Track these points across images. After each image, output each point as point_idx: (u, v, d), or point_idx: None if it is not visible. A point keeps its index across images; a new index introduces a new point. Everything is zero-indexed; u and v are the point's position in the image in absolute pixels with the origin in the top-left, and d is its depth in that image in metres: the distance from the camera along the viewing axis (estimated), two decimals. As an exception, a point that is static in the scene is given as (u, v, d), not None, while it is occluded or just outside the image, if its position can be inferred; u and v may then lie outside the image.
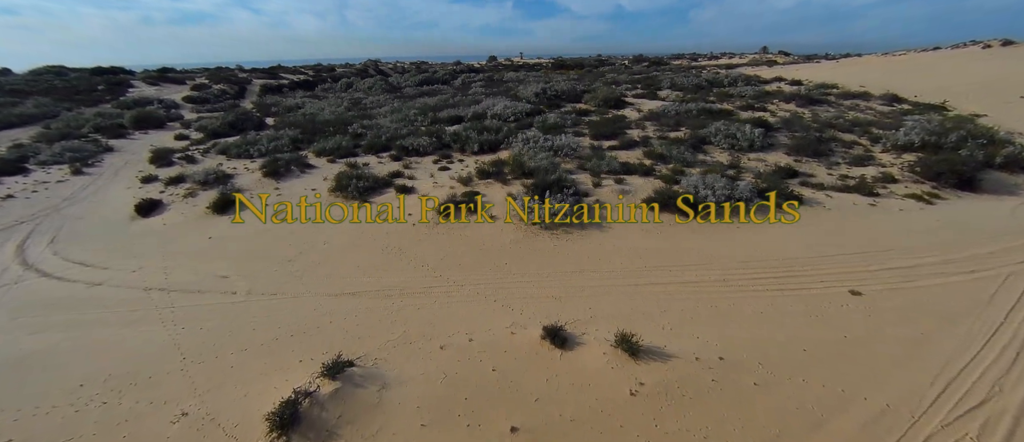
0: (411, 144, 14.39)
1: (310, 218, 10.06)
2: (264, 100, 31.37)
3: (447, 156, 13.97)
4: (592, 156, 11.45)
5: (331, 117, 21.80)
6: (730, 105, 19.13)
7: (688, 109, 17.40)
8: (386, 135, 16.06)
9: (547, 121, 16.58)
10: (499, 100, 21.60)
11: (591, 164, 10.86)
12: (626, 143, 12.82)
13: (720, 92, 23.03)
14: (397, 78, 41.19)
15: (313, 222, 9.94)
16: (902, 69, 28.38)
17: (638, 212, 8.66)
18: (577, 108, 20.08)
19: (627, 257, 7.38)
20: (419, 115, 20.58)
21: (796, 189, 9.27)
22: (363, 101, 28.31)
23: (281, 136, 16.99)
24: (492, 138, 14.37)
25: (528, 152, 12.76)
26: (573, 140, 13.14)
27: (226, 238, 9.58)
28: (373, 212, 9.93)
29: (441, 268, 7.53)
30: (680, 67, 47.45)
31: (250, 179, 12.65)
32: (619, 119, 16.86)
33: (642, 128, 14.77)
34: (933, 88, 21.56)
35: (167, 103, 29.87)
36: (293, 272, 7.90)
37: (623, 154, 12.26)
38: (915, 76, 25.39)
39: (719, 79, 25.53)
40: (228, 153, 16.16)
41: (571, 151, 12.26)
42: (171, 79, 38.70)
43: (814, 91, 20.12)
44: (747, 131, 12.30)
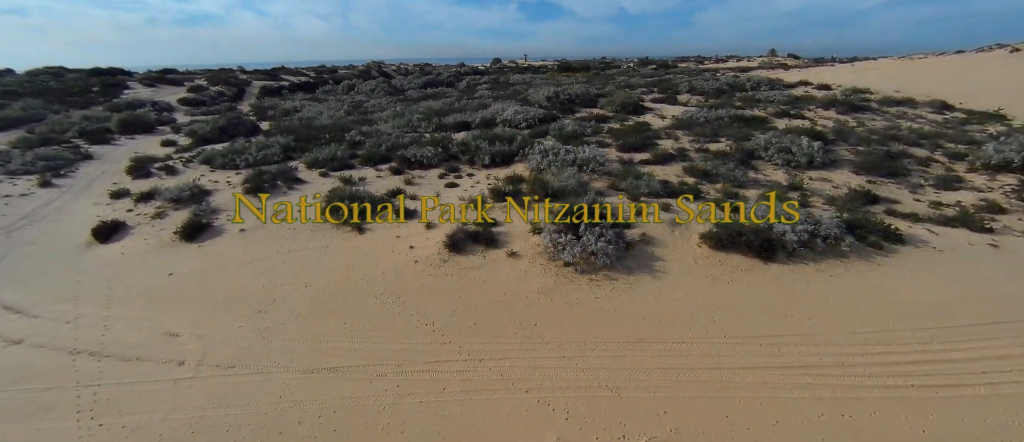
0: (414, 155, 12.51)
1: (292, 250, 8.19)
2: (262, 102, 29.53)
3: (455, 169, 12.09)
4: (626, 174, 9.55)
5: (329, 122, 19.94)
6: (761, 111, 17.21)
7: (718, 116, 15.48)
8: (386, 144, 14.19)
9: (564, 129, 14.68)
10: (509, 104, 19.71)
11: (627, 184, 8.96)
12: (660, 157, 10.93)
13: (744, 97, 21.09)
14: (400, 80, 39.31)
15: (295, 252, 8.08)
16: (930, 73, 26.39)
17: (698, 250, 6.75)
18: (594, 113, 18.18)
19: (697, 319, 5.49)
20: (423, 120, 18.71)
21: (885, 219, 7.35)
22: (364, 104, 26.45)
23: (272, 144, 15.12)
24: (505, 149, 12.49)
25: (549, 167, 10.87)
26: (598, 152, 11.24)
27: (190, 275, 7.71)
28: (367, 243, 8.07)
29: (451, 329, 5.65)
30: (688, 69, 45.52)
31: (230, 196, 10.78)
32: (644, 127, 14.96)
33: (674, 138, 12.86)
34: (973, 93, 19.59)
35: (161, 105, 28.08)
36: (262, 330, 6.04)
37: (659, 170, 10.37)
38: (948, 80, 23.40)
39: (740, 83, 23.60)
40: (212, 163, 14.30)
41: (599, 166, 10.37)
42: (169, 80, 36.90)
43: (852, 96, 18.20)
44: (804, 145, 10.40)
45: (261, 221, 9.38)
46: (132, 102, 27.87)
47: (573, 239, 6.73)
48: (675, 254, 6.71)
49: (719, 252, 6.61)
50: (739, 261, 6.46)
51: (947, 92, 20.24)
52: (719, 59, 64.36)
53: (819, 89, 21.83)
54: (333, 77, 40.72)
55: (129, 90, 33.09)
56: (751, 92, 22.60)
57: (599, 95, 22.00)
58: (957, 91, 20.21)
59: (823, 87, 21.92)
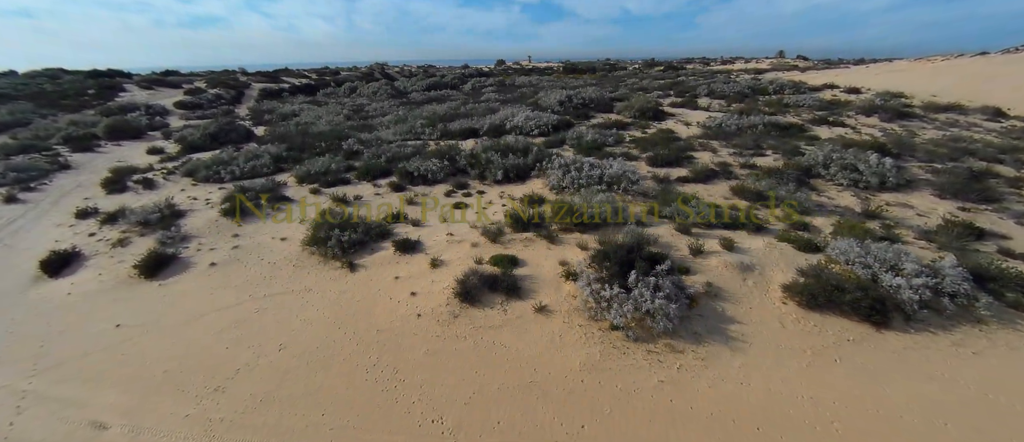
0: (417, 169, 10.92)
1: (269, 293, 6.60)
2: (261, 106, 27.98)
3: (463, 185, 10.49)
4: (667, 196, 7.93)
5: (327, 128, 18.36)
6: (795, 117, 15.55)
7: (751, 123, 13.84)
8: (387, 154, 12.60)
9: (583, 138, 13.05)
10: (518, 109, 18.10)
11: (671, 209, 7.33)
12: (701, 173, 9.29)
13: (770, 101, 19.42)
14: (404, 82, 37.70)
15: (272, 297, 6.50)
16: (962, 76, 24.60)
17: (783, 309, 5.13)
18: (611, 119, 16.54)
19: (810, 427, 3.88)
20: (427, 126, 17.12)
21: (1012, 265, 5.70)
22: (366, 108, 24.87)
23: (262, 154, 13.56)
24: (520, 162, 10.87)
25: (572, 185, 9.25)
26: (628, 168, 9.62)
27: (142, 327, 6.13)
28: (359, 286, 6.47)
29: (466, 430, 4.07)
30: (697, 71, 43.79)
31: (205, 219, 9.20)
32: (670, 136, 13.32)
33: (711, 150, 11.21)
34: (1020, 98, 17.84)
35: (156, 109, 26.57)
36: (214, 422, 4.45)
37: (701, 190, 8.76)
38: (985, 84, 21.62)
39: (762, 86, 21.92)
40: (195, 175, 12.75)
41: (630, 184, 8.74)
42: (168, 83, 35.38)
43: (892, 101, 16.52)
44: (873, 162, 8.73)
45: (235, 253, 7.80)
46: (125, 106, 26.37)
47: (621, 293, 5.11)
48: (754, 314, 5.10)
49: (812, 313, 5.00)
50: (841, 327, 4.84)
51: (997, 97, 18.48)
52: (725, 60, 62.56)
53: (849, 93, 20.15)
54: (335, 79, 39.14)
55: (125, 93, 31.61)
56: (774, 95, 20.93)
57: (614, 99, 20.36)
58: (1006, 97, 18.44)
59: (852, 90, 20.23)
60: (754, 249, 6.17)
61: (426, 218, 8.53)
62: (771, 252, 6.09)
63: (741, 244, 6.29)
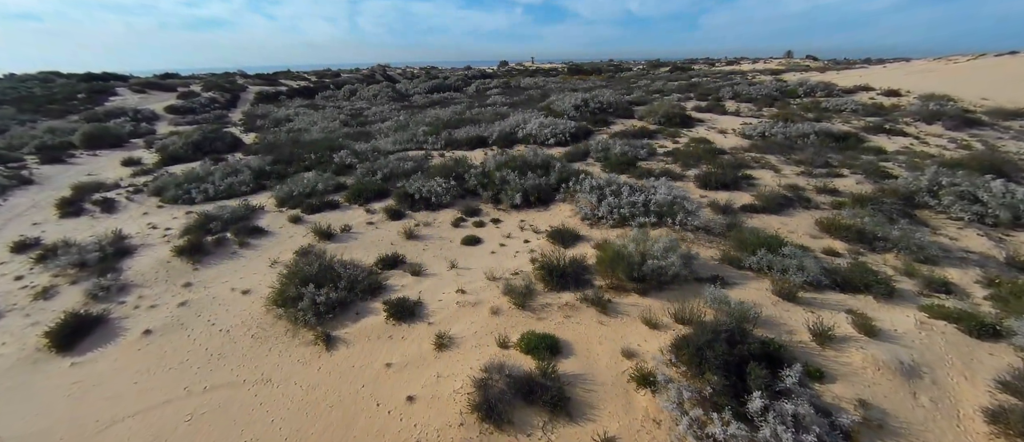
0: (418, 189, 8.92)
1: (212, 385, 4.63)
2: (255, 110, 25.99)
3: (474, 211, 8.50)
4: (742, 235, 5.92)
5: (320, 135, 16.36)
6: (841, 122, 13.53)
7: (800, 132, 11.81)
8: (383, 170, 10.60)
9: (610, 151, 11.04)
10: (530, 115, 16.07)
11: (758, 259, 5.33)
12: (771, 201, 7.27)
13: (803, 104, 17.38)
14: (405, 84, 35.67)
15: (214, 390, 4.53)
16: (1001, 76, 22.49)
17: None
18: (635, 126, 14.52)
19: None
20: (430, 134, 15.12)
21: None
22: (365, 112, 22.86)
23: (241, 169, 11.57)
24: (542, 182, 8.87)
25: (611, 215, 7.25)
26: (679, 192, 7.62)
27: (28, 439, 4.18)
28: (336, 377, 4.49)
29: None
30: (704, 71, 41.70)
31: (154, 260, 7.21)
32: (711, 147, 11.30)
33: (770, 167, 9.17)
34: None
35: (144, 114, 24.62)
36: None
37: (778, 224, 6.75)
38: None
39: (791, 88, 19.85)
40: (163, 194, 10.79)
41: (687, 215, 6.73)
42: (162, 86, 33.37)
43: (949, 106, 14.46)
44: (997, 190, 6.70)
45: (181, 313, 5.82)
46: (112, 111, 24.39)
47: (742, 432, 3.11)
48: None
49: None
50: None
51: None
52: (730, 61, 60.38)
53: (887, 95, 18.08)
54: (334, 81, 37.07)
55: (115, 97, 29.65)
56: (805, 98, 18.87)
57: (632, 103, 18.33)
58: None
59: (891, 93, 18.16)
60: (905, 333, 4.18)
61: (429, 263, 6.53)
62: (932, 339, 4.10)
63: (880, 321, 4.30)
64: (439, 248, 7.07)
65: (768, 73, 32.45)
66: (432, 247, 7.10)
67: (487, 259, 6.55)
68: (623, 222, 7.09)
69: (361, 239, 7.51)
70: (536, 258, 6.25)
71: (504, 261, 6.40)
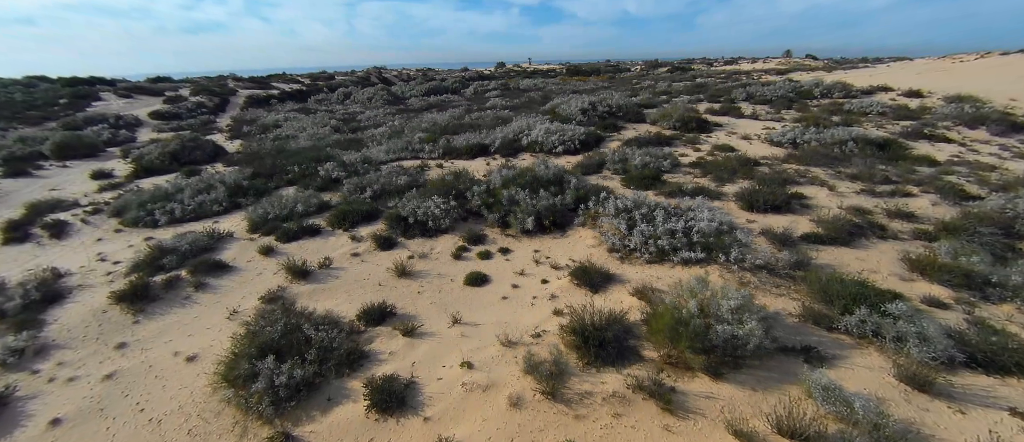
0: (413, 211, 7.51)
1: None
2: (244, 115, 24.43)
3: (478, 237, 7.10)
4: (821, 282, 4.56)
5: (308, 143, 14.90)
6: (875, 127, 12.23)
7: (837, 138, 10.49)
8: (374, 186, 9.18)
9: (629, 162, 9.67)
10: (534, 120, 14.68)
11: (855, 322, 3.97)
12: (838, 229, 5.90)
13: (824, 107, 16.09)
14: (401, 87, 34.17)
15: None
16: (1013, 77, 21.28)
17: None
18: (649, 132, 13.16)
19: None
20: (426, 141, 13.71)
21: None
22: (358, 117, 21.38)
23: (215, 185, 10.12)
24: (556, 202, 7.48)
25: (644, 246, 5.87)
26: (724, 217, 6.27)
27: None
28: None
29: None
30: (703, 71, 40.44)
31: (88, 310, 5.77)
32: (741, 157, 9.94)
33: (820, 183, 7.79)
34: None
35: (127, 120, 23.02)
36: None
37: (852, 259, 5.38)
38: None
39: (807, 89, 18.53)
40: (124, 215, 9.35)
41: (742, 249, 5.37)
42: (150, 90, 31.72)
43: (986, 109, 13.18)
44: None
45: (105, 391, 4.40)
46: (92, 117, 22.79)
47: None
48: None
49: None
50: None
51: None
52: (728, 61, 59.19)
53: (908, 96, 16.81)
54: (328, 84, 35.49)
55: (99, 102, 27.99)
56: (823, 99, 17.58)
57: (641, 106, 16.97)
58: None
59: (913, 94, 16.88)
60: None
61: (425, 313, 5.13)
62: None
63: None
64: (437, 290, 5.67)
65: (774, 73, 31.18)
66: (429, 289, 5.70)
67: (498, 308, 5.16)
68: (662, 256, 5.71)
69: (343, 277, 6.10)
70: (561, 309, 4.87)
71: (520, 312, 5.01)
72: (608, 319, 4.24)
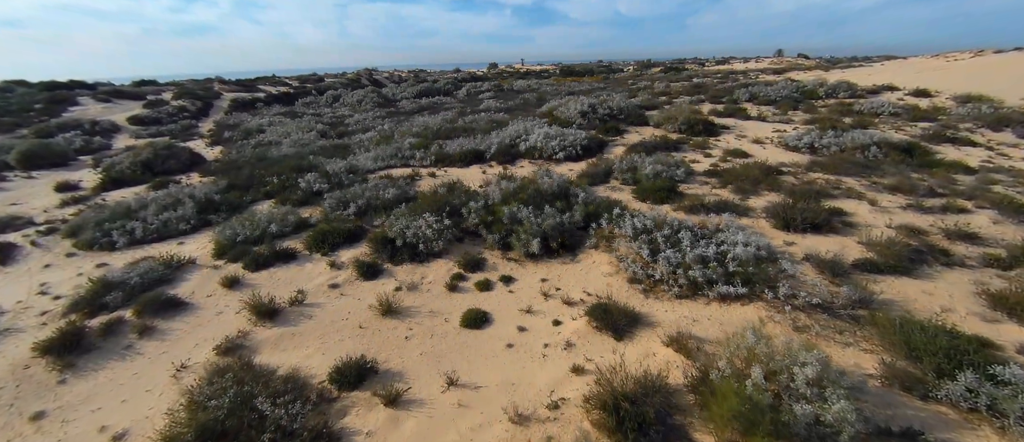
0: (401, 231, 6.51)
1: None
2: (227, 119, 23.20)
3: (476, 263, 6.12)
4: (897, 327, 3.67)
5: (291, 150, 13.81)
6: (888, 128, 11.44)
7: (857, 142, 9.66)
8: (358, 202, 8.15)
9: (640, 171, 8.74)
10: (532, 123, 13.72)
11: (966, 389, 3.10)
12: (892, 254, 5.03)
13: (833, 107, 15.32)
14: (392, 89, 33.03)
15: None
16: (1017, 76, 20.71)
17: None
18: (655, 136, 12.26)
19: None
20: (418, 147, 12.70)
21: None
22: (347, 120, 20.27)
23: (183, 199, 9.04)
24: (564, 220, 6.52)
25: (671, 277, 4.94)
26: (753, 236, 5.37)
27: None
28: None
29: None
30: (694, 71, 39.73)
31: (13, 359, 4.72)
32: (747, 158, 9.07)
33: (856, 196, 6.91)
34: None
35: (103, 126, 21.72)
36: None
37: (917, 293, 4.51)
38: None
39: (811, 89, 17.75)
40: (79, 236, 8.24)
41: (785, 279, 4.46)
42: (131, 94, 30.28)
43: (1006, 110, 12.47)
44: None
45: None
46: (67, 123, 21.43)
47: None
48: None
49: None
50: None
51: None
52: (720, 61, 58.66)
53: (916, 96, 16.10)
54: (317, 87, 34.21)
55: (76, 107, 26.53)
56: (828, 99, 16.82)
57: (643, 107, 16.09)
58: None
59: (921, 93, 16.18)
60: None
61: (413, 370, 4.16)
62: None
63: None
64: (429, 334, 4.69)
65: (771, 72, 30.48)
66: (419, 332, 4.72)
67: (503, 361, 4.20)
68: (695, 290, 4.78)
69: (318, 317, 5.10)
70: (581, 365, 3.92)
71: (530, 367, 4.06)
72: (644, 386, 3.30)
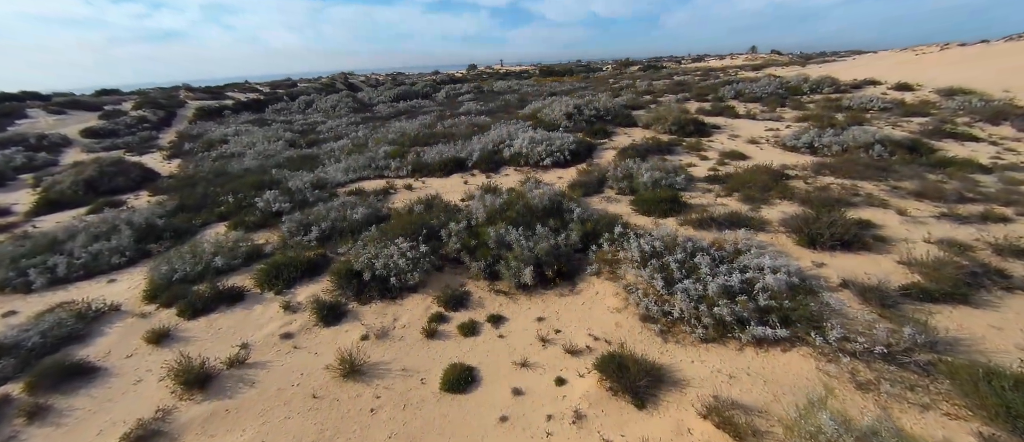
0: (370, 262, 5.47)
1: None
2: (191, 130, 21.51)
3: (459, 299, 5.12)
4: (1011, 399, 2.88)
5: (255, 162, 12.51)
6: (884, 124, 10.91)
7: (858, 140, 9.02)
8: (322, 224, 7.04)
9: (637, 179, 7.87)
10: (515, 127, 12.76)
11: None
12: (948, 280, 4.25)
13: (824, 104, 14.84)
14: (369, 93, 31.62)
15: None
16: (994, 67, 20.76)
17: None
18: (646, 138, 11.46)
19: None
20: (393, 156, 11.60)
21: None
22: (319, 127, 18.91)
23: (119, 226, 7.76)
24: (559, 242, 5.59)
25: (689, 313, 4.05)
26: (781, 259, 4.53)
27: None
28: None
29: None
30: (675, 69, 39.47)
31: None
32: (747, 161, 8.32)
33: (880, 204, 6.15)
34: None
35: (53, 140, 19.83)
36: None
37: (983, 328, 3.76)
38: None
39: (796, 85, 17.30)
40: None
41: (834, 319, 3.64)
42: (87, 105, 28.07)
43: (997, 104, 12.11)
44: None
45: None
46: (11, 138, 19.48)
47: None
48: None
49: None
50: None
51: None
52: (695, 58, 58.80)
53: (898, 90, 15.78)
54: (289, 93, 32.50)
55: (24, 120, 24.35)
56: (814, 95, 16.38)
57: (629, 107, 15.31)
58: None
59: (903, 87, 15.88)
60: None
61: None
62: None
63: None
64: (401, 404, 3.69)
65: (749, 68, 30.26)
66: (388, 402, 3.71)
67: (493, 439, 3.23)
68: (723, 331, 3.90)
69: (262, 383, 4.03)
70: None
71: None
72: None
